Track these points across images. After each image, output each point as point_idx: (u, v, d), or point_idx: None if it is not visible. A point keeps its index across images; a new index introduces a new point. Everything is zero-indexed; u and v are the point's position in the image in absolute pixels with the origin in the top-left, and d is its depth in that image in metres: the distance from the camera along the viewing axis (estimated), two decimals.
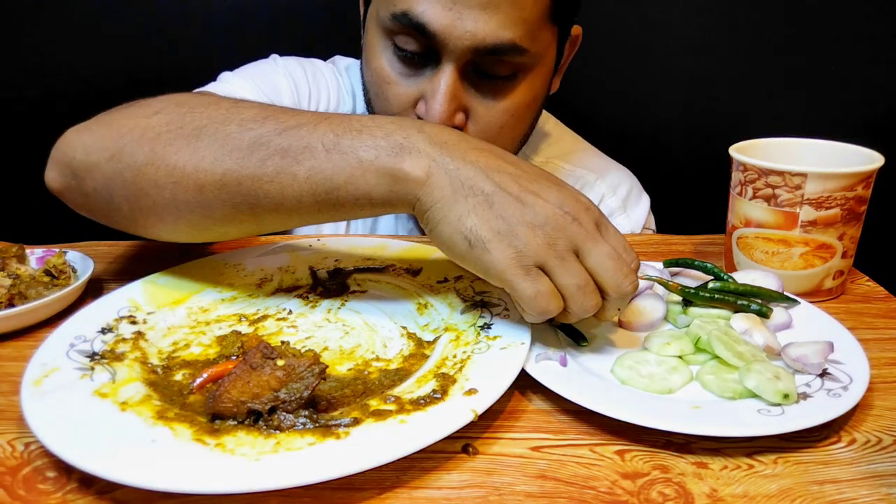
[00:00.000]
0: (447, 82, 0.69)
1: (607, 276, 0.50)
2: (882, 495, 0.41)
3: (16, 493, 0.41)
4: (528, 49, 0.69)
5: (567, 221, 0.49)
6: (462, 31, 0.67)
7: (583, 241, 0.49)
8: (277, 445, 0.42)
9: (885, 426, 0.48)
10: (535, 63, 0.73)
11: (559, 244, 0.49)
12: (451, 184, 0.50)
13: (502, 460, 0.44)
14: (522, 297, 0.49)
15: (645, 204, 0.93)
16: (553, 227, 0.49)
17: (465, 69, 0.70)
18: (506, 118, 0.74)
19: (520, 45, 0.68)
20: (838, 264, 0.66)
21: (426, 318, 0.61)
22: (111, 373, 0.50)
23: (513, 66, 0.71)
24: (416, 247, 0.72)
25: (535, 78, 0.74)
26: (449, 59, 0.69)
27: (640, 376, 0.51)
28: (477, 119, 0.73)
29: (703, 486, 0.42)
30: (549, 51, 0.75)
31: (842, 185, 0.62)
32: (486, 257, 0.49)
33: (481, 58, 0.69)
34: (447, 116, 0.70)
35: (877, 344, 0.58)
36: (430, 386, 0.48)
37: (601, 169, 0.94)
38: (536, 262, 0.49)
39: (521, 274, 0.49)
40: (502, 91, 0.73)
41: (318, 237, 0.75)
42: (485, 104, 0.73)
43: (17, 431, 0.47)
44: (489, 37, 0.67)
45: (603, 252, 0.50)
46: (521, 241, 0.48)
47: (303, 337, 0.59)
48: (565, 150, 0.94)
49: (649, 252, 0.80)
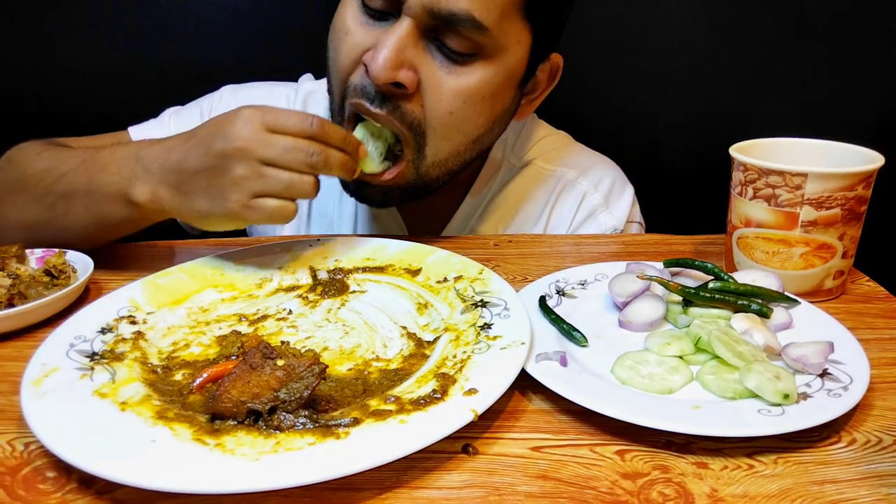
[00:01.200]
0: (399, 33, 0.68)
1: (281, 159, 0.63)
2: (882, 495, 0.41)
3: (16, 492, 0.41)
4: (488, 27, 0.68)
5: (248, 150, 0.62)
6: None
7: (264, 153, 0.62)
8: (277, 445, 0.42)
9: (885, 426, 0.48)
10: (496, 50, 0.71)
11: (247, 170, 0.62)
12: (169, 190, 0.65)
13: (502, 460, 0.44)
14: (243, 219, 0.64)
15: (628, 197, 0.92)
16: (238, 163, 0.62)
17: (424, 31, 0.69)
18: (457, 102, 0.72)
19: (478, 20, 0.67)
20: (838, 264, 0.66)
21: (426, 318, 0.61)
22: (111, 373, 0.50)
23: (472, 44, 0.69)
24: (416, 247, 0.72)
25: (494, 68, 0.72)
26: (407, 13, 0.68)
27: (641, 376, 0.51)
28: (428, 88, 0.71)
29: (703, 487, 0.42)
30: (515, 48, 0.73)
31: (842, 185, 0.62)
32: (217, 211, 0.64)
33: (439, 23, 0.68)
34: (391, 66, 0.68)
35: (877, 344, 0.58)
36: (430, 386, 0.48)
37: (582, 165, 0.93)
38: (248, 190, 0.62)
39: (234, 205, 0.63)
40: (457, 68, 0.71)
41: (318, 237, 0.75)
42: (438, 75, 0.71)
43: (16, 431, 0.47)
44: (446, 1, 0.66)
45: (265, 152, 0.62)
46: (223, 185, 0.63)
47: (303, 337, 0.59)
48: (546, 150, 0.94)
49: (650, 252, 0.80)
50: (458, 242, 0.82)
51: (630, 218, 0.92)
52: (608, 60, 1.27)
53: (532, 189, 0.91)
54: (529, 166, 0.92)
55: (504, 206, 0.91)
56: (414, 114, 0.72)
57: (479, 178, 0.91)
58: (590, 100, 1.29)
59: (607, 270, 0.68)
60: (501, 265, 0.75)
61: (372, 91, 0.71)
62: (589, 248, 0.81)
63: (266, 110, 0.63)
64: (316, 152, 0.63)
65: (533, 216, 0.91)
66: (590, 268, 0.69)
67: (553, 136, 0.97)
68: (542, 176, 0.92)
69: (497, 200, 0.91)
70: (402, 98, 0.71)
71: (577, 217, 0.91)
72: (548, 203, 0.91)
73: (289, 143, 0.62)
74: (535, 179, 0.92)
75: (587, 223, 0.91)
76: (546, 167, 0.92)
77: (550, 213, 0.91)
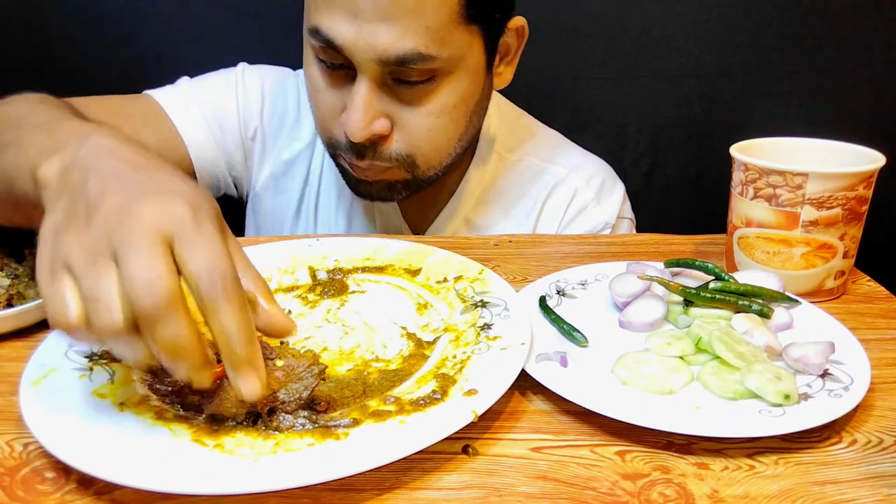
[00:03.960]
0: (362, 93, 0.71)
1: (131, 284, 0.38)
2: (883, 496, 0.41)
3: (14, 493, 0.41)
4: (437, 55, 0.70)
5: (122, 222, 0.39)
6: (364, 44, 0.68)
7: (121, 244, 0.38)
8: (276, 446, 0.42)
9: (886, 426, 0.48)
10: (452, 66, 0.73)
11: (95, 245, 0.39)
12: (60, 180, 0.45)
13: (502, 461, 0.44)
14: (40, 287, 0.41)
15: (619, 193, 0.94)
16: (101, 227, 0.39)
17: (382, 78, 0.71)
18: (431, 120, 0.75)
19: (425, 54, 0.69)
20: (839, 264, 0.66)
21: (426, 319, 0.61)
22: (110, 373, 0.50)
23: (427, 71, 0.71)
24: (416, 247, 0.72)
25: (457, 79, 0.74)
26: (361, 70, 0.70)
27: (641, 377, 0.51)
28: (401, 125, 0.75)
29: (703, 487, 0.42)
30: (470, 51, 0.74)
31: (843, 184, 0.62)
32: None
33: (392, 68, 0.70)
34: (363, 126, 0.72)
35: (878, 344, 0.58)
36: (430, 386, 0.48)
37: (573, 163, 0.94)
38: (65, 262, 0.40)
39: (46, 272, 0.41)
40: (423, 95, 0.73)
41: (318, 237, 0.75)
42: (408, 110, 0.74)
43: (15, 432, 0.47)
44: (390, 48, 0.68)
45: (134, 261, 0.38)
46: (62, 239, 0.40)
47: (302, 337, 0.59)
48: (538, 147, 0.95)
49: (650, 252, 0.80)
50: (458, 242, 0.82)
51: (621, 214, 0.93)
52: (608, 60, 1.27)
53: (525, 184, 0.93)
54: (522, 162, 0.94)
55: (497, 200, 0.92)
56: (395, 149, 0.76)
57: (471, 171, 0.92)
58: (589, 100, 1.29)
59: (608, 270, 0.67)
60: (501, 265, 0.75)
61: (354, 147, 0.75)
62: (589, 248, 0.81)
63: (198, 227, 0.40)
64: (161, 294, 0.38)
65: (525, 211, 0.92)
66: (590, 268, 0.69)
67: (545, 134, 0.98)
68: (535, 172, 0.93)
69: (490, 193, 0.92)
70: (379, 142, 0.75)
71: (569, 212, 0.92)
72: (539, 198, 0.92)
73: (151, 261, 0.38)
74: (527, 175, 0.93)
75: (578, 218, 0.92)
76: (539, 164, 0.93)
77: (542, 208, 0.92)
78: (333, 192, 0.94)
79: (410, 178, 0.79)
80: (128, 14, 1.21)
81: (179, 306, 0.39)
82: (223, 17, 1.22)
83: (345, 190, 0.92)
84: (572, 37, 1.21)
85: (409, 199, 0.86)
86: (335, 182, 0.93)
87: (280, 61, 0.98)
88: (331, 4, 0.68)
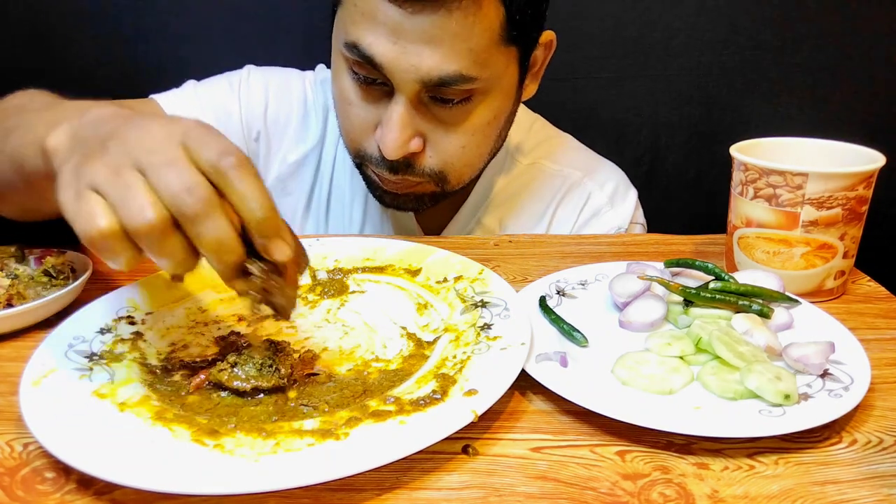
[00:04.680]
0: (399, 112, 0.71)
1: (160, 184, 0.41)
2: (883, 496, 0.41)
3: (14, 493, 0.41)
4: (478, 77, 0.70)
5: (140, 138, 0.43)
6: (407, 65, 0.67)
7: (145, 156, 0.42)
8: (276, 447, 0.42)
9: (886, 427, 0.48)
10: (490, 86, 0.73)
11: (117, 162, 0.42)
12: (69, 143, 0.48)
13: (502, 461, 0.44)
14: (66, 215, 0.43)
15: (632, 198, 0.94)
16: (119, 147, 0.43)
17: (419, 97, 0.71)
18: (465, 138, 0.75)
19: (467, 76, 0.69)
20: (839, 264, 0.66)
21: (426, 319, 0.61)
22: (110, 373, 0.50)
23: (465, 91, 0.71)
24: (416, 247, 0.72)
25: (493, 99, 0.75)
26: (400, 90, 0.70)
27: (641, 377, 0.51)
28: (435, 142, 0.75)
29: (703, 487, 0.42)
30: (507, 71, 0.74)
31: (843, 184, 0.62)
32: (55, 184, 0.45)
33: (431, 88, 0.70)
34: (400, 144, 0.71)
35: (878, 344, 0.58)
36: (430, 386, 0.48)
37: (588, 166, 0.94)
38: (90, 184, 0.42)
39: (71, 198, 0.43)
40: (459, 115, 0.74)
41: (318, 237, 0.75)
42: (442, 129, 0.74)
43: (15, 432, 0.46)
44: (433, 70, 0.67)
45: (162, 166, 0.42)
46: (83, 169, 0.43)
47: (302, 337, 0.59)
48: (552, 151, 0.95)
49: (650, 252, 0.80)
50: (458, 242, 0.82)
51: (634, 219, 0.93)
52: (609, 60, 1.27)
53: (538, 187, 0.93)
54: (535, 165, 0.94)
55: (510, 202, 0.93)
56: (428, 166, 0.76)
57: (486, 173, 0.92)
58: (589, 99, 1.29)
59: (608, 270, 0.67)
60: (501, 265, 0.75)
61: (387, 163, 0.75)
62: (589, 248, 0.81)
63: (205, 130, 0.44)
64: (202, 198, 0.41)
65: (538, 213, 0.93)
66: (590, 268, 0.69)
67: (558, 138, 0.98)
68: (549, 175, 0.93)
69: (503, 196, 0.93)
70: (413, 158, 0.75)
71: (582, 216, 0.92)
72: (553, 201, 0.93)
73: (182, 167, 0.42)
74: (541, 178, 0.93)
75: (592, 222, 0.92)
76: (552, 167, 0.94)
77: (555, 211, 0.93)
78: (346, 194, 0.93)
79: (439, 191, 0.80)
80: (128, 14, 1.21)
81: (219, 206, 0.42)
82: (223, 17, 1.22)
83: (358, 192, 0.92)
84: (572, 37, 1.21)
85: None
86: (348, 184, 0.93)
87: (280, 62, 0.98)
88: (372, 21, 0.67)
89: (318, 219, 0.94)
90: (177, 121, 0.45)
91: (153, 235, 0.41)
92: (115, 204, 0.41)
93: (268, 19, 1.22)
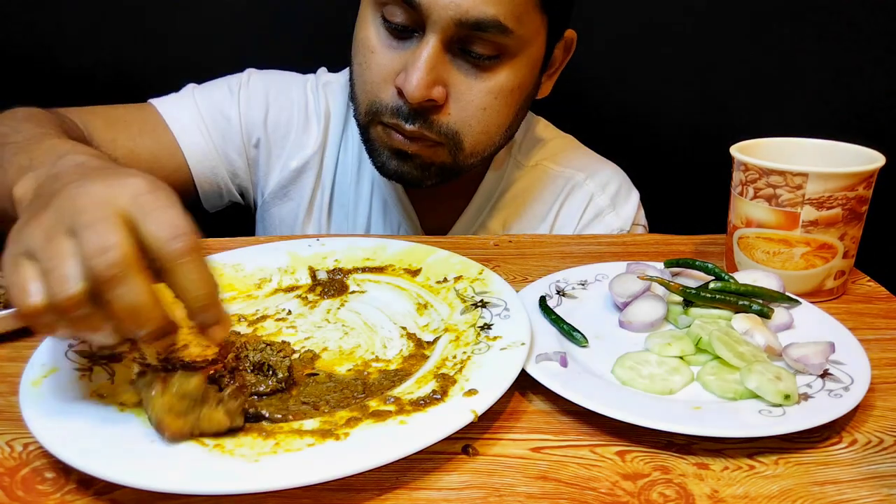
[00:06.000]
0: (429, 53, 0.70)
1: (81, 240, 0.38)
2: (883, 496, 0.41)
3: (14, 493, 0.41)
4: (513, 30, 0.70)
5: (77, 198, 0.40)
6: (447, 1, 0.67)
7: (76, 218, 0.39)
8: (276, 447, 0.42)
9: (886, 427, 0.48)
10: (519, 48, 0.73)
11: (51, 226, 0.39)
12: None
13: (502, 461, 0.44)
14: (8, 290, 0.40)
15: (634, 200, 0.95)
16: (57, 208, 0.40)
17: (449, 44, 0.71)
18: (488, 99, 0.75)
19: (503, 24, 0.69)
20: (839, 264, 0.66)
21: (426, 319, 0.61)
22: (109, 373, 0.50)
23: (497, 46, 0.71)
24: (416, 247, 0.72)
25: (519, 64, 0.75)
26: (433, 30, 0.69)
27: (641, 377, 0.51)
28: (458, 96, 0.74)
29: (703, 487, 0.42)
30: (536, 39, 0.75)
31: (843, 184, 0.62)
32: None
33: (465, 33, 0.70)
34: (424, 86, 0.70)
35: (878, 344, 0.58)
36: (430, 387, 0.48)
37: (590, 168, 0.95)
38: (26, 250, 0.40)
39: (9, 266, 0.40)
40: (485, 71, 0.73)
41: (318, 237, 0.75)
42: (467, 82, 0.74)
43: (15, 432, 0.46)
44: (473, 10, 0.68)
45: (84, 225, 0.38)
46: (24, 232, 0.40)
47: (302, 337, 0.59)
48: (555, 152, 0.95)
49: (650, 252, 0.80)
50: (458, 242, 0.82)
51: (636, 221, 0.94)
52: (609, 60, 1.26)
53: (541, 188, 0.93)
54: (538, 166, 0.94)
55: (513, 204, 0.93)
56: (446, 122, 0.75)
57: (488, 175, 0.92)
58: (590, 99, 1.29)
59: (608, 270, 0.67)
60: (501, 265, 0.75)
61: (406, 110, 0.74)
62: (589, 248, 0.81)
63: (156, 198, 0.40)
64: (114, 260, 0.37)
65: (540, 214, 0.93)
66: (590, 268, 0.69)
67: (561, 139, 0.98)
68: (551, 176, 0.93)
69: (506, 198, 0.93)
70: (433, 111, 0.74)
71: (585, 217, 0.92)
72: (556, 202, 0.93)
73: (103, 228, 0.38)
74: (543, 179, 0.93)
75: (594, 223, 0.92)
76: (555, 168, 0.94)
77: (558, 213, 0.93)
78: (350, 198, 0.93)
79: (450, 162, 0.78)
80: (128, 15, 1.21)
81: (136, 269, 0.38)
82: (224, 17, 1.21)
83: (362, 196, 0.92)
84: None
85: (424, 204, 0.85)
86: (353, 189, 0.93)
87: (280, 62, 0.98)
88: None
89: (321, 223, 0.94)
90: (129, 182, 0.41)
91: (72, 310, 0.38)
92: (43, 272, 0.39)
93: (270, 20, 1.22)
